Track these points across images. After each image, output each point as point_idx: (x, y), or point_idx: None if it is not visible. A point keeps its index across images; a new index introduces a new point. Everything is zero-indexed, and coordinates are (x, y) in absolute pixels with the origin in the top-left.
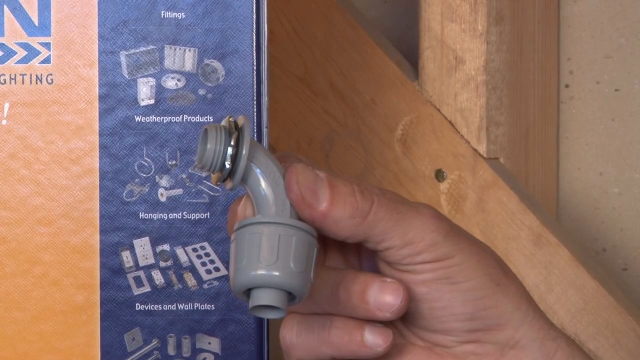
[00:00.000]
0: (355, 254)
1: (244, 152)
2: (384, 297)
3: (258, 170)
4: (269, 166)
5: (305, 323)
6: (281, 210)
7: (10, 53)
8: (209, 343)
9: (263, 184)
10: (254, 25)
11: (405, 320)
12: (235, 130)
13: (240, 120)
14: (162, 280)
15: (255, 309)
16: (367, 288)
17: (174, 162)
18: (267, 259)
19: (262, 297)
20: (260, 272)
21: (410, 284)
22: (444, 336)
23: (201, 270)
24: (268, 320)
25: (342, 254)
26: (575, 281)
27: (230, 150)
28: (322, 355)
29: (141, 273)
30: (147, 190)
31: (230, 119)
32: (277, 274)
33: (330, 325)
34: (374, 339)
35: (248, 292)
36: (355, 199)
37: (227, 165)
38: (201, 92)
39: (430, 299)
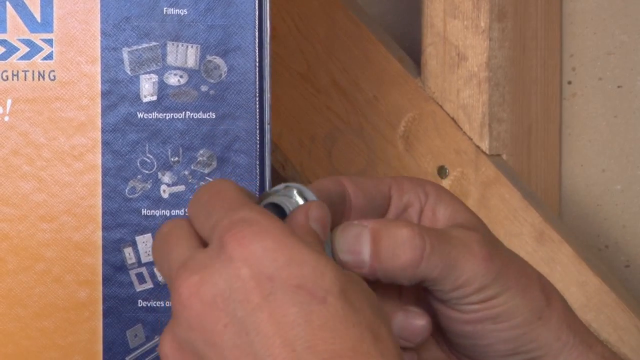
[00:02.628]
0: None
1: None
2: (408, 326)
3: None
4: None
5: None
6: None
7: (12, 49)
8: None
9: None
10: (257, 22)
11: (447, 345)
12: (301, 197)
13: (307, 193)
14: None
15: None
16: (391, 318)
17: (177, 158)
18: None
19: None
20: None
21: (455, 322)
22: None
23: None
24: None
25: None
26: (577, 278)
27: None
28: None
29: (143, 270)
30: (149, 187)
31: (290, 186)
32: None
33: None
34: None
35: None
36: (404, 251)
37: None
38: (203, 88)
39: (474, 337)
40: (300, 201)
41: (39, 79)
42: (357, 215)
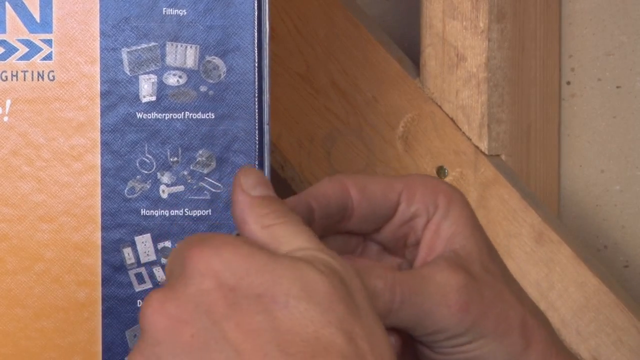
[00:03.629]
0: None
1: None
2: None
3: None
4: None
5: None
6: None
7: (11, 50)
8: None
9: None
10: (256, 23)
11: None
12: None
13: None
14: (164, 277)
15: None
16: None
17: (176, 158)
18: None
19: None
20: None
21: (429, 359)
22: None
23: None
24: None
25: None
26: (576, 278)
27: None
28: None
29: (143, 270)
30: (148, 187)
31: None
32: None
33: None
34: None
35: None
36: (376, 302)
37: None
38: (203, 89)
39: None
40: None
41: (38, 80)
42: (358, 221)
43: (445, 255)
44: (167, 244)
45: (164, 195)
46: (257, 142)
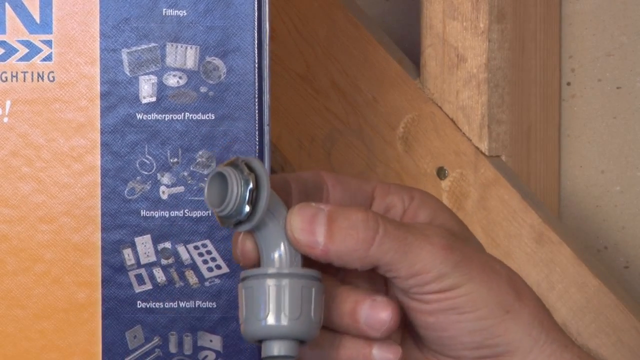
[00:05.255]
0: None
1: (264, 195)
2: (373, 315)
3: (272, 216)
4: (282, 211)
5: (320, 340)
6: (292, 257)
7: (11, 51)
8: (211, 341)
9: (277, 231)
10: (256, 23)
11: (417, 341)
12: (250, 172)
13: (254, 162)
14: (164, 278)
15: (268, 358)
16: (358, 307)
17: (176, 159)
18: (289, 312)
19: (275, 348)
20: (280, 323)
21: (418, 312)
22: None
23: (203, 268)
24: None
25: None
26: (577, 279)
27: (249, 195)
28: None
29: (143, 271)
30: (148, 188)
31: (241, 161)
32: (297, 325)
33: (338, 344)
34: (383, 356)
35: (260, 340)
36: (357, 232)
37: (247, 209)
38: (203, 89)
39: (438, 329)
40: (245, 169)
41: (38, 80)
42: None
43: None
44: (167, 244)
45: (164, 196)
46: (257, 143)
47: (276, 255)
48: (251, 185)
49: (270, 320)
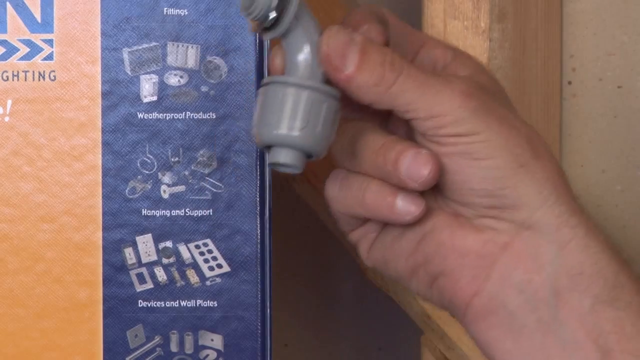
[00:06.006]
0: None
1: (293, 2)
2: (414, 167)
3: (300, 28)
4: (310, 25)
5: (347, 180)
6: (314, 71)
7: (12, 50)
8: (212, 340)
9: (301, 42)
10: None
11: (433, 188)
12: None
13: None
14: (165, 277)
15: (274, 164)
16: (401, 156)
17: (177, 158)
18: (295, 122)
19: (282, 156)
20: (286, 132)
21: (435, 155)
22: (464, 208)
23: (204, 267)
24: (271, 316)
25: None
26: None
27: (277, 0)
28: (356, 214)
29: (144, 270)
30: (149, 187)
31: None
32: (302, 137)
33: (366, 187)
34: (405, 206)
35: (269, 146)
36: (384, 68)
37: (274, 14)
38: (204, 89)
39: (451, 172)
40: None
41: (39, 80)
42: (393, 39)
43: None
44: (168, 244)
45: (165, 195)
46: None
47: (298, 66)
48: None
49: (278, 127)
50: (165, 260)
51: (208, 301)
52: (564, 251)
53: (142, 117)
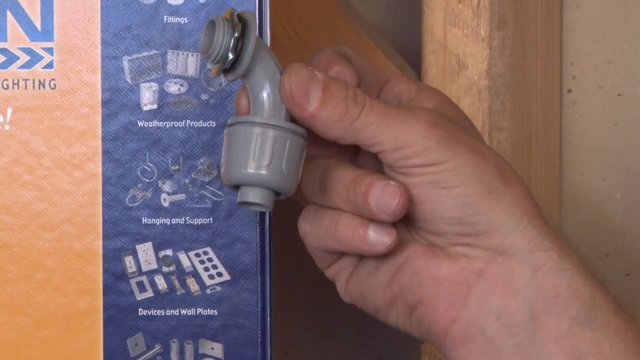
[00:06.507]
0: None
1: (249, 44)
2: (383, 198)
3: (259, 68)
4: (269, 64)
5: (319, 215)
6: (277, 110)
7: (13, 58)
8: (212, 348)
9: (262, 81)
10: (257, 30)
11: (406, 219)
12: (239, 22)
13: (245, 14)
14: (165, 286)
15: (243, 204)
16: (370, 189)
17: (177, 167)
18: (260, 160)
19: (250, 195)
20: (252, 171)
21: (404, 186)
22: (437, 237)
23: (204, 276)
24: (271, 324)
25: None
26: None
27: (233, 42)
28: (330, 248)
29: (144, 278)
30: (149, 196)
31: (234, 12)
32: (268, 175)
33: (338, 221)
34: (377, 237)
35: (237, 185)
36: (347, 103)
37: (231, 56)
38: (204, 97)
39: (421, 202)
40: (235, 19)
41: (39, 88)
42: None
43: None
44: (169, 252)
45: (165, 204)
46: None
47: (262, 105)
48: (237, 34)
49: (244, 166)
50: (165, 269)
51: (208, 309)
52: (538, 275)
53: (142, 125)
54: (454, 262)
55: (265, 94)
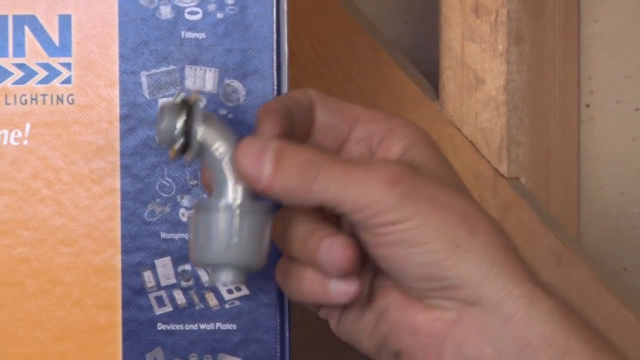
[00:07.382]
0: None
1: (194, 126)
2: (330, 254)
3: (211, 148)
4: (222, 143)
5: (288, 267)
6: (235, 186)
7: (31, 73)
8: None
9: (217, 161)
10: (275, 46)
11: (378, 271)
12: (184, 106)
13: (192, 97)
14: (184, 300)
15: (216, 283)
16: (319, 244)
17: (195, 182)
18: (223, 243)
19: (222, 276)
20: (215, 254)
21: (370, 245)
22: (410, 290)
23: (222, 290)
24: (290, 339)
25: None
26: (596, 300)
27: (180, 125)
28: (301, 300)
29: (163, 293)
30: (168, 210)
31: (181, 94)
32: (231, 255)
33: (301, 275)
34: (340, 288)
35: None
36: (300, 169)
37: (181, 139)
38: (222, 112)
39: (390, 260)
40: (179, 103)
41: (57, 103)
42: (319, 131)
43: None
44: (187, 267)
45: (184, 219)
46: None
47: (220, 183)
48: (184, 117)
49: (208, 250)
50: (184, 284)
51: (227, 324)
52: (508, 324)
53: None
54: (428, 312)
55: (221, 173)
